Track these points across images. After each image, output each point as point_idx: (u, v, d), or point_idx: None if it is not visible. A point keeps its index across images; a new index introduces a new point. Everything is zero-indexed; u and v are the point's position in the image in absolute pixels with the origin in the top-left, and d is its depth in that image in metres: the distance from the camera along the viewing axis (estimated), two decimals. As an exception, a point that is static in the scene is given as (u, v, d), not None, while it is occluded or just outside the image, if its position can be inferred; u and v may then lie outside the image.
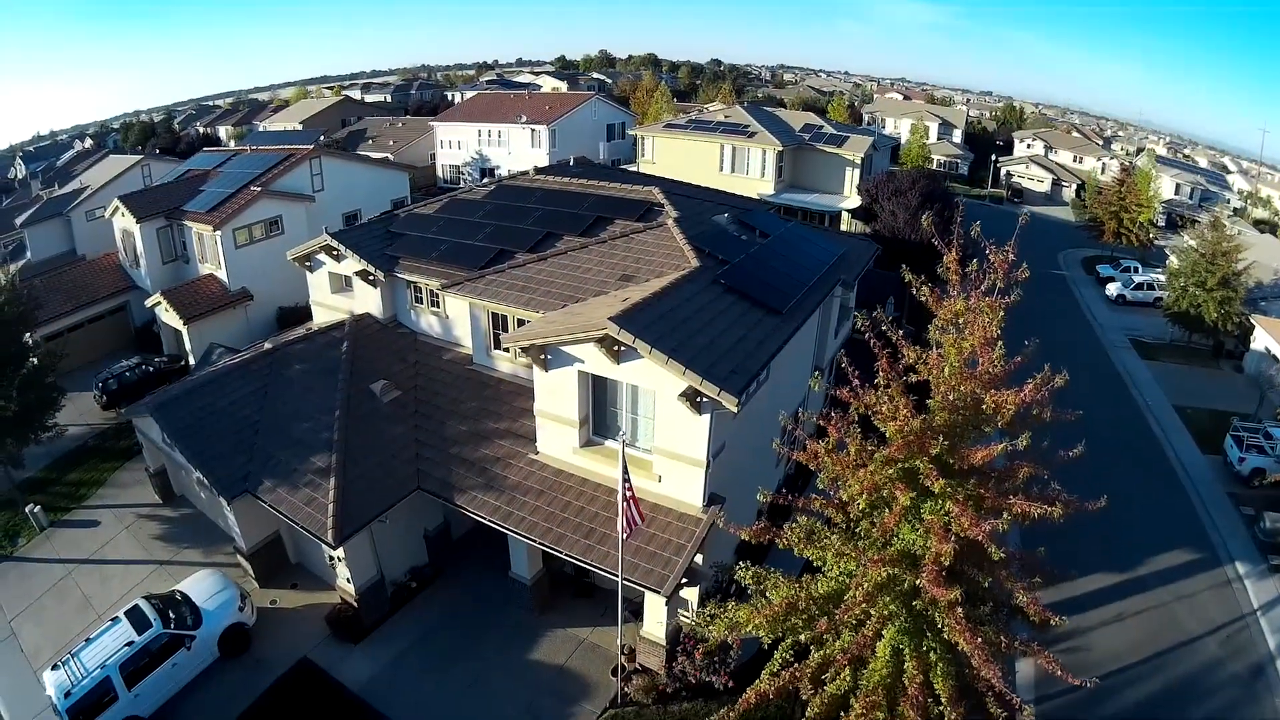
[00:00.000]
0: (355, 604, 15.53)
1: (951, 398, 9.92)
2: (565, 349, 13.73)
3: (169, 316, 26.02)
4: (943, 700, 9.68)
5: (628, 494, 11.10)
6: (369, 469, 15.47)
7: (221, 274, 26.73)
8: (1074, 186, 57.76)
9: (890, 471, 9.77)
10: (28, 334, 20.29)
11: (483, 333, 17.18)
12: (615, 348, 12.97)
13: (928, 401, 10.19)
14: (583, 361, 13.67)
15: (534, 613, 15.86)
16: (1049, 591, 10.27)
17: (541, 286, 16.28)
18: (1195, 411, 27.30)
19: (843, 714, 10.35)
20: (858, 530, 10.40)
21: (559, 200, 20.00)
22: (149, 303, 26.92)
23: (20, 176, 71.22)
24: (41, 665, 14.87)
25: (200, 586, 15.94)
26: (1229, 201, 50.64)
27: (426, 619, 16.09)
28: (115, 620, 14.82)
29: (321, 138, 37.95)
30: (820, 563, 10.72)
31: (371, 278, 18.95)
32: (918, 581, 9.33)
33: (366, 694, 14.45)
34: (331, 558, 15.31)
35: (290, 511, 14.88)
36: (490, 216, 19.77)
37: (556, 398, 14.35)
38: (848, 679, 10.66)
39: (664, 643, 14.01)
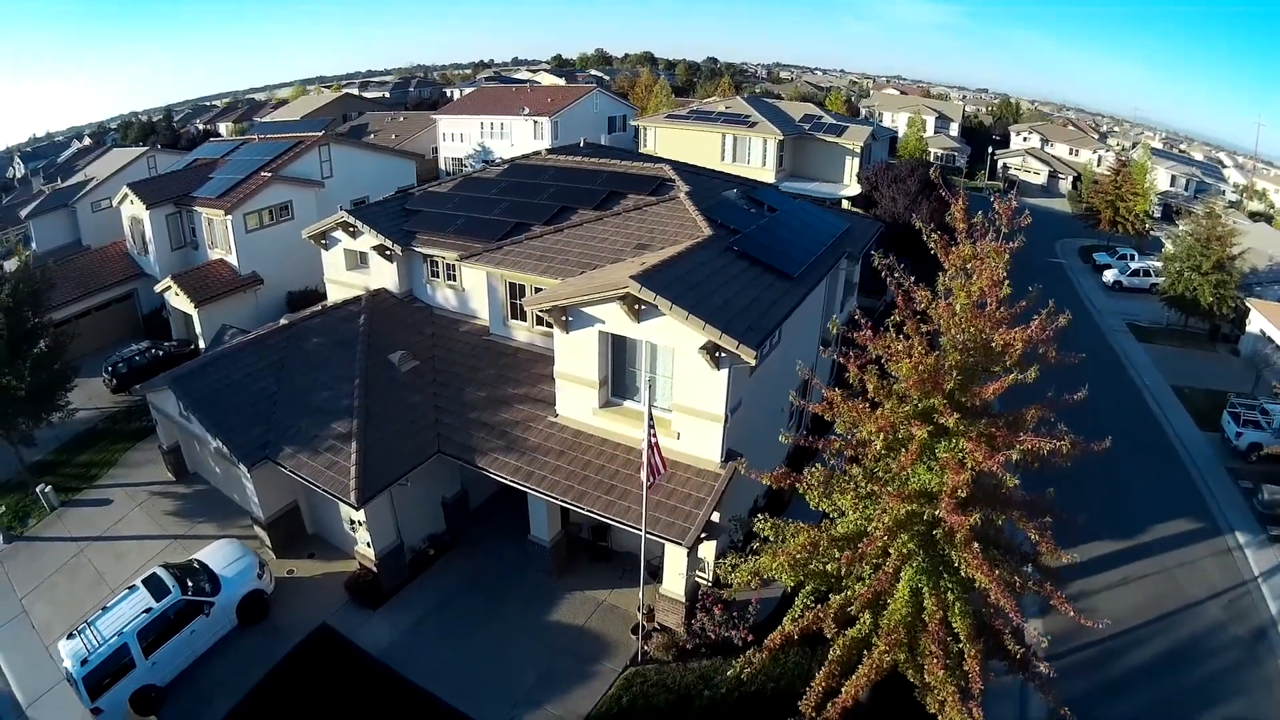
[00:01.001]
0: (375, 569, 15.71)
1: (962, 339, 10.25)
2: (586, 310, 14.04)
3: (179, 301, 26.20)
4: (962, 638, 10.00)
5: (652, 439, 11.37)
6: (389, 434, 15.70)
7: (232, 258, 26.96)
8: (1070, 179, 58.52)
9: (906, 409, 10.10)
10: (37, 316, 20.29)
11: (500, 303, 17.47)
12: (636, 306, 13.28)
13: (940, 340, 10.53)
14: (603, 322, 13.98)
15: (552, 576, 16.10)
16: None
17: (558, 256, 16.60)
18: (1192, 391, 27.74)
19: (865, 653, 10.67)
20: (875, 471, 10.71)
21: (572, 177, 20.35)
22: (159, 288, 27.10)
23: (20, 175, 71.08)
24: (53, 641, 14.80)
25: (218, 555, 16.00)
26: (1224, 194, 51.43)
27: (445, 584, 16.29)
28: (133, 588, 14.83)
29: (324, 131, 38.16)
30: (837, 513, 11.03)
31: (388, 252, 19.22)
32: (936, 512, 9.61)
33: (386, 658, 14.55)
34: (352, 522, 15.52)
35: (312, 476, 15.09)
36: (505, 193, 20.12)
37: (577, 359, 14.64)
38: (868, 622, 11.00)
39: (683, 599, 14.27)
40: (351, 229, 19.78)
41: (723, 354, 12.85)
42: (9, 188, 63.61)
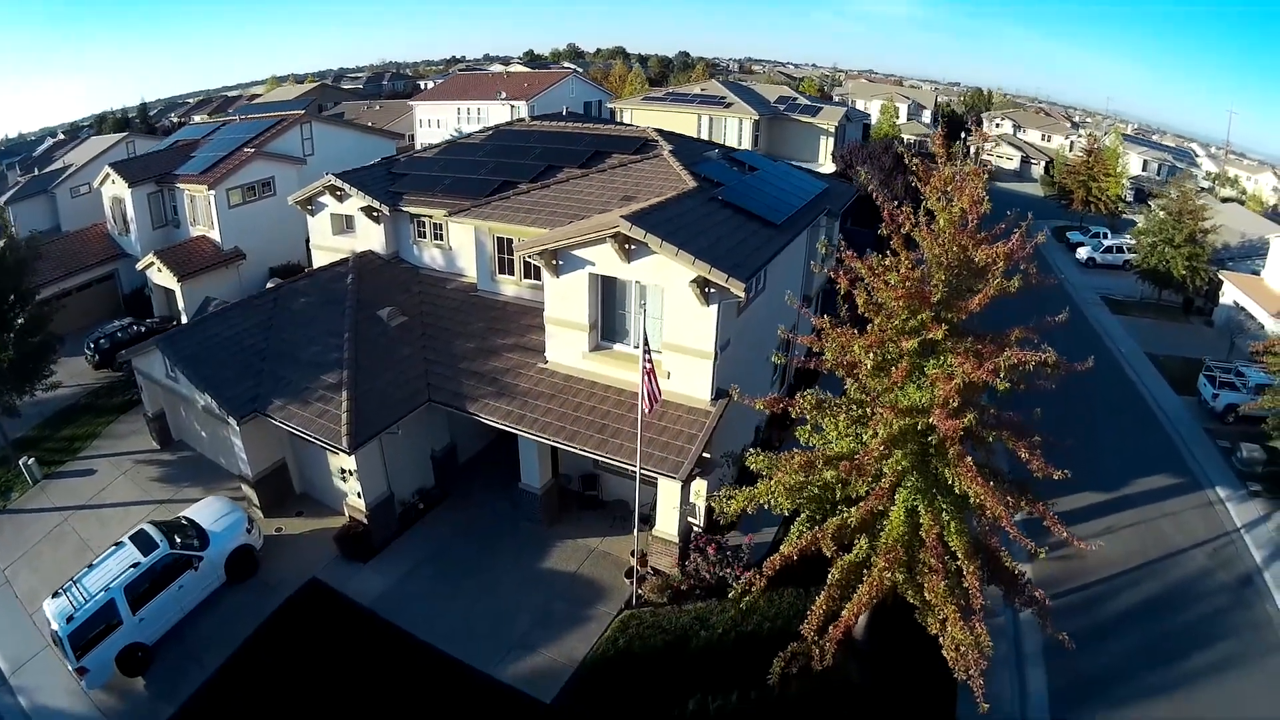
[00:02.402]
0: (365, 521, 15.65)
1: (945, 257, 10.55)
2: (576, 253, 14.20)
3: (161, 277, 26.00)
4: (959, 556, 10.22)
5: (647, 365, 11.53)
6: (380, 384, 15.74)
7: (214, 234, 26.81)
8: (1042, 164, 59.80)
9: (894, 324, 10.36)
10: (23, 285, 19.99)
11: (488, 258, 17.58)
12: (627, 245, 13.47)
13: (924, 261, 10.82)
14: (594, 264, 14.14)
15: (543, 525, 16.18)
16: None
17: (546, 208, 16.76)
18: (1168, 359, 28.20)
19: (864, 573, 10.86)
20: (867, 388, 10.92)
21: (557, 140, 20.55)
22: (141, 264, 26.88)
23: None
24: (37, 609, 14.44)
25: (207, 511, 15.83)
26: (1196, 177, 52.77)
27: (436, 536, 16.30)
28: (119, 544, 14.55)
29: (305, 109, 37.85)
30: (826, 441, 11.20)
31: (376, 214, 19.27)
32: (930, 421, 9.84)
33: (378, 607, 14.46)
34: (343, 471, 15.44)
35: (303, 425, 15.07)
36: (490, 155, 20.29)
37: (567, 303, 14.79)
38: (865, 547, 11.20)
39: (676, 540, 14.40)
40: (338, 192, 19.80)
41: (712, 289, 13.06)
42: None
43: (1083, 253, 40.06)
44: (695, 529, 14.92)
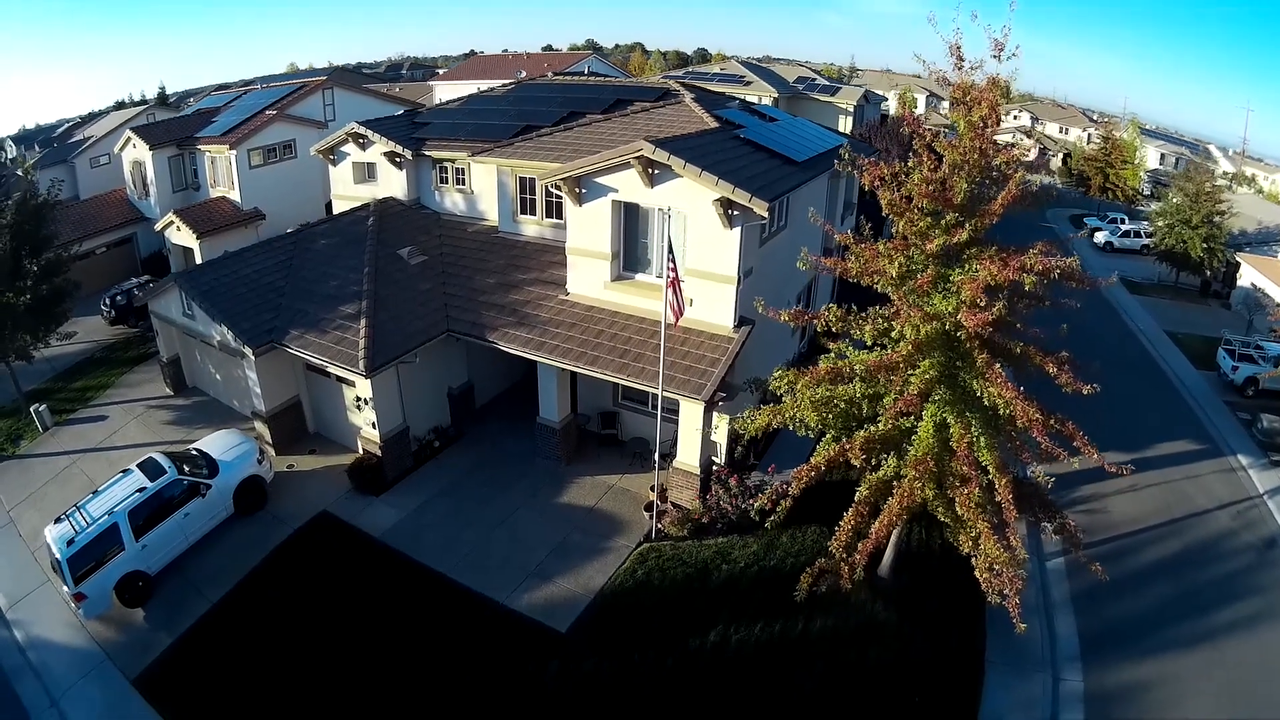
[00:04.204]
0: (379, 454, 15.49)
1: (967, 163, 10.39)
2: (599, 180, 14.18)
3: (180, 236, 26.12)
4: (990, 470, 10.04)
5: (671, 273, 11.42)
6: (399, 313, 15.72)
7: (234, 195, 26.97)
8: (1060, 155, 59.65)
9: (921, 224, 10.23)
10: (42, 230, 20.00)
11: (510, 199, 17.59)
12: (650, 169, 13.43)
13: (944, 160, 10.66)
14: (616, 191, 14.11)
15: (561, 461, 16.07)
16: (1065, 463, 10.68)
17: (569, 146, 16.78)
18: (1187, 337, 28.10)
19: (894, 486, 10.68)
20: (892, 301, 10.79)
21: (579, 90, 20.65)
22: (159, 225, 26.99)
23: (11, 157, 70.49)
24: (39, 545, 14.19)
25: (218, 442, 15.59)
26: (1213, 170, 52.55)
27: (450, 472, 16.18)
28: (126, 471, 14.23)
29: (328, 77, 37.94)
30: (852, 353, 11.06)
31: (398, 159, 19.34)
32: (958, 318, 9.69)
33: (389, 539, 14.26)
34: (358, 400, 15.31)
35: (319, 351, 15.03)
36: (513, 104, 20.38)
37: (590, 232, 14.74)
38: (894, 465, 11.04)
39: (698, 471, 14.24)
40: (361, 140, 19.91)
41: (735, 211, 12.98)
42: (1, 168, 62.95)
43: (1100, 237, 39.90)
44: (716, 465, 14.76)
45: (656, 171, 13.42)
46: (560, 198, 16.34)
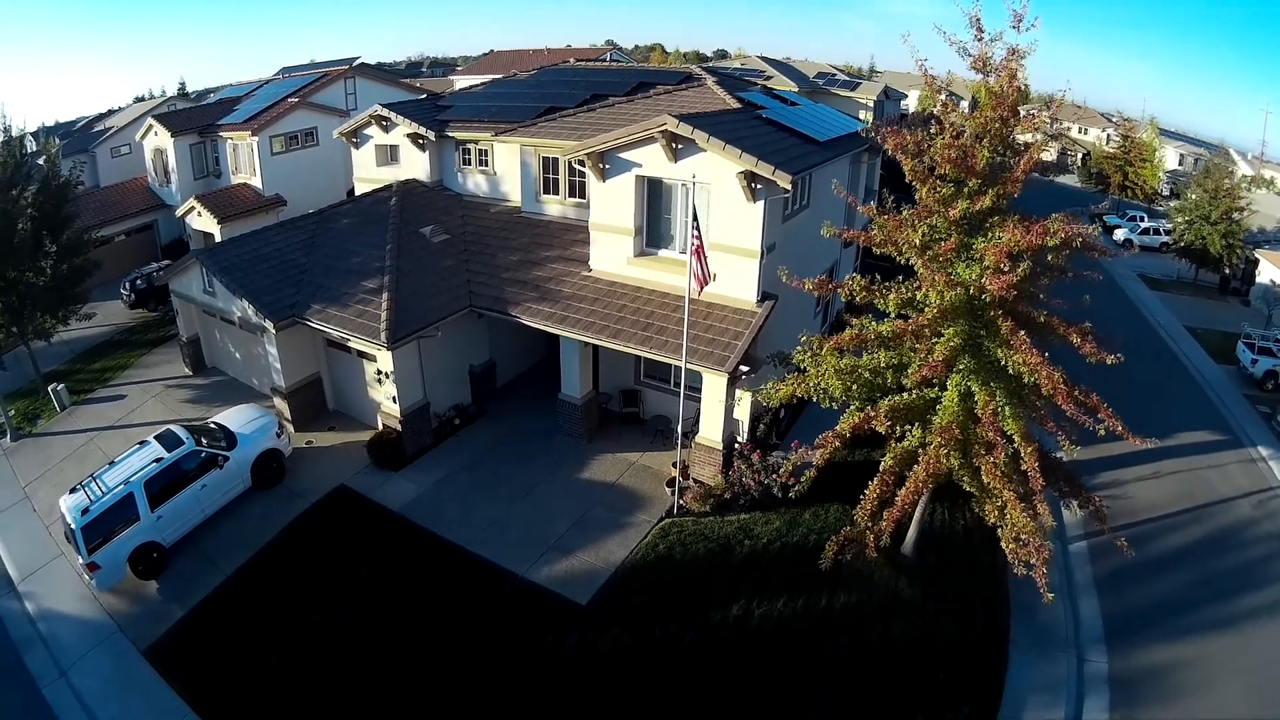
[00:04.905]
0: (399, 428, 15.46)
1: (989, 131, 10.37)
2: (623, 155, 14.24)
3: (201, 221, 26.38)
4: (1016, 439, 9.98)
5: (695, 241, 11.43)
6: (421, 288, 15.80)
7: (256, 181, 27.24)
8: (1079, 155, 59.33)
9: (944, 191, 10.21)
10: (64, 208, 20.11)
11: (533, 179, 17.69)
12: (674, 144, 13.48)
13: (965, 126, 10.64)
14: (640, 165, 14.16)
15: (582, 439, 16.08)
16: (1087, 449, 10.61)
17: (592, 127, 16.83)
18: (1206, 332, 27.94)
19: (921, 452, 10.63)
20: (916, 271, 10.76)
21: (601, 74, 20.82)
22: (180, 210, 27.29)
23: (32, 150, 71.39)
24: (54, 520, 14.18)
25: (237, 416, 15.62)
26: (1234, 170, 52.21)
27: (472, 448, 16.21)
28: (144, 443, 14.18)
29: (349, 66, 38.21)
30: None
31: (422, 141, 19.49)
32: (982, 283, 9.66)
33: (408, 512, 14.23)
34: (379, 373, 15.35)
35: (341, 324, 15.10)
36: (536, 88, 20.50)
37: (613, 208, 14.79)
38: (919, 436, 11.00)
39: (720, 447, 14.21)
40: (385, 122, 20.09)
41: (759, 184, 13.00)
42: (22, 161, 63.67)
43: (1120, 234, 39.71)
44: (739, 442, 14.74)
45: (680, 146, 13.46)
46: (583, 176, 16.41)
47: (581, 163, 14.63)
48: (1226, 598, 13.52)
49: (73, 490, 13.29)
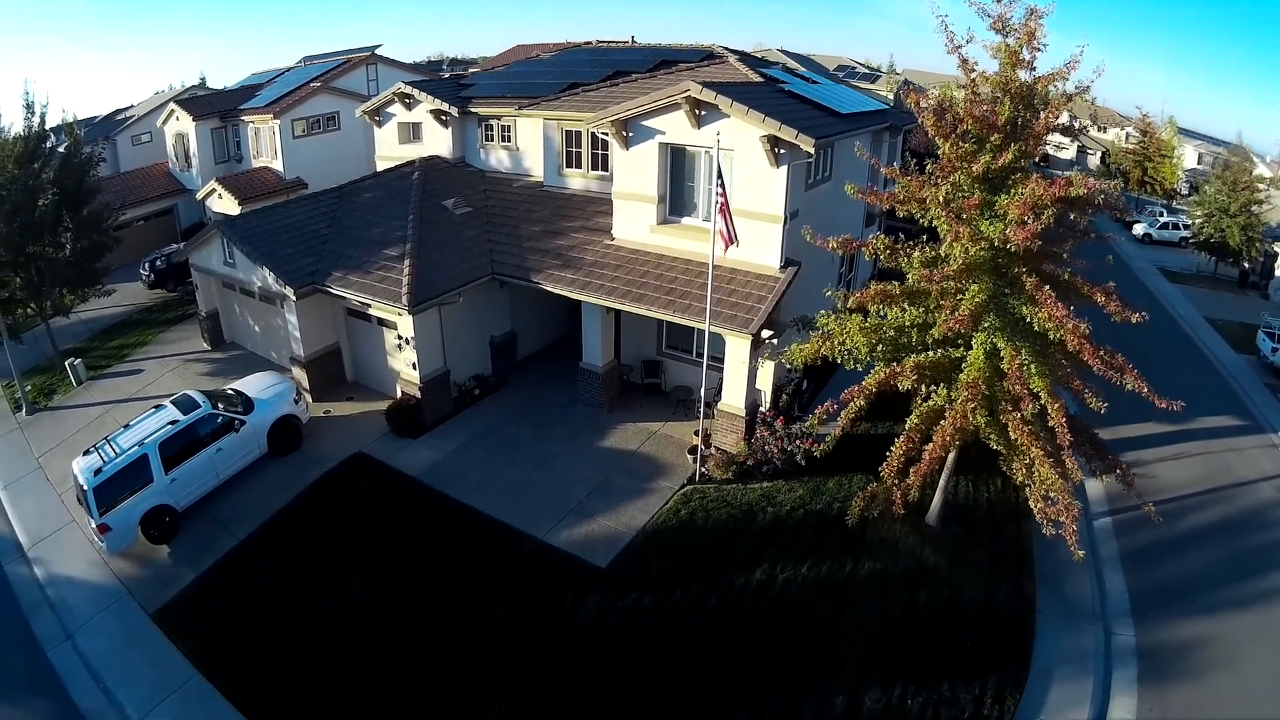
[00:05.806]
0: (418, 395, 15.41)
1: (1009, 88, 10.32)
2: (647, 122, 14.30)
3: (222, 203, 26.58)
4: (1042, 397, 9.90)
5: (720, 200, 11.42)
6: (443, 256, 15.86)
7: (277, 164, 27.48)
8: (1098, 154, 59.04)
9: (967, 147, 10.17)
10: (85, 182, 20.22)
11: (555, 153, 17.78)
12: (697, 110, 13.51)
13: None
14: (663, 133, 14.20)
15: (604, 408, 16.06)
16: (1109, 429, 10.48)
17: (614, 100, 16.84)
18: (1226, 323, 27.81)
19: (948, 407, 10.55)
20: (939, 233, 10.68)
21: (623, 53, 20.95)
22: (201, 193, 27.53)
23: (51, 143, 72.33)
24: (68, 489, 14.07)
25: (254, 383, 15.55)
26: (1252, 168, 51.82)
27: (491, 417, 16.19)
28: (160, 406, 14.04)
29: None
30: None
31: (444, 117, 19.64)
32: (1005, 232, 9.59)
33: (426, 478, 14.16)
34: (399, 339, 15.36)
35: (362, 290, 15.15)
36: (558, 66, 20.64)
37: (636, 176, 14.83)
38: (944, 395, 10.94)
39: (743, 413, 14.15)
40: (408, 100, 20.25)
41: (782, 149, 13.01)
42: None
43: (1139, 229, 39.61)
44: (761, 411, 14.68)
45: (703, 113, 13.50)
46: (606, 150, 16.45)
47: (605, 131, 14.68)
48: (1251, 577, 13.37)
49: (86, 453, 13.15)
